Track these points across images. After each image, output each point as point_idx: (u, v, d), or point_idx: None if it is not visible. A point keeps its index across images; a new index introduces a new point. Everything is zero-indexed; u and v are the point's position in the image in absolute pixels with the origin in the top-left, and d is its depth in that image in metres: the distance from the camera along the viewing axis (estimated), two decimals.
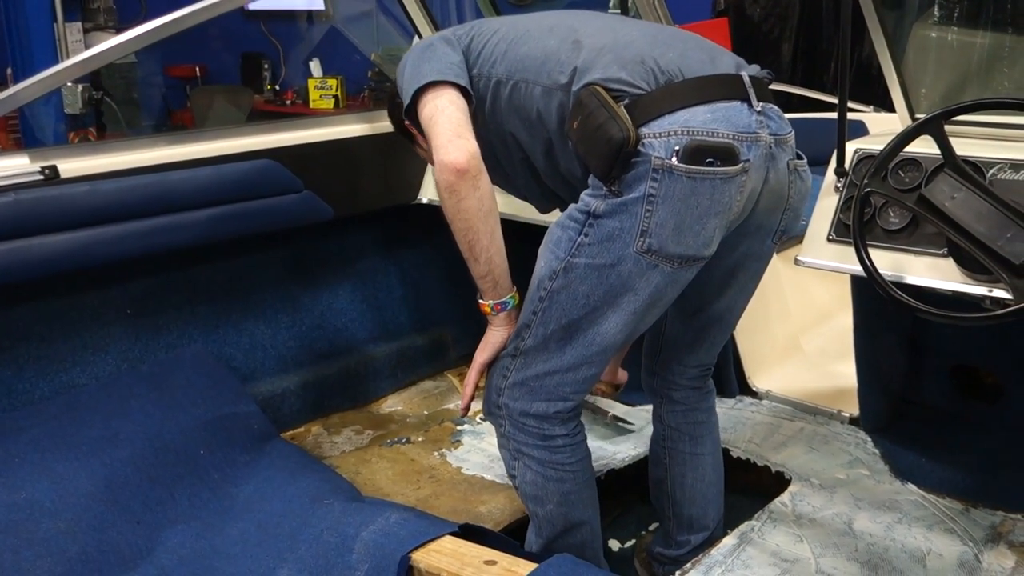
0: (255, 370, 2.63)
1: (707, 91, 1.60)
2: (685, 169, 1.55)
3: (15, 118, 5.03)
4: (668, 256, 1.60)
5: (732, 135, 1.58)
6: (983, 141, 1.97)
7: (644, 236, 1.58)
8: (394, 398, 2.91)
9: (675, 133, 1.55)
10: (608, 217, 1.60)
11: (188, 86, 6.33)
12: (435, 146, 1.64)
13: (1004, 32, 2.44)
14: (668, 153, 1.55)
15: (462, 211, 1.63)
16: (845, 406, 2.59)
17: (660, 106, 1.58)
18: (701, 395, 2.03)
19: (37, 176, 2.02)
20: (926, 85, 2.45)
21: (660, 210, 1.57)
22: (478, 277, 1.73)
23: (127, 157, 2.18)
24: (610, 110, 1.56)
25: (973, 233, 1.70)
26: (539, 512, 1.84)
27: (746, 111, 1.62)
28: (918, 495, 2.24)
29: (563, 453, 1.78)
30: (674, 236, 1.59)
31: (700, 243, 1.62)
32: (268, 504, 2.00)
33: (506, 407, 1.78)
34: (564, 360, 1.71)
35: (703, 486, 2.03)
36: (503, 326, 1.77)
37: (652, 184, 1.56)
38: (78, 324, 2.28)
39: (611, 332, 1.68)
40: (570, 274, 1.65)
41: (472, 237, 1.66)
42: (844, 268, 1.99)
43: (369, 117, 2.74)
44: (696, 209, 1.57)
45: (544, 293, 1.69)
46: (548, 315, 1.69)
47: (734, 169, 1.58)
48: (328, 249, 2.83)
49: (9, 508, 1.83)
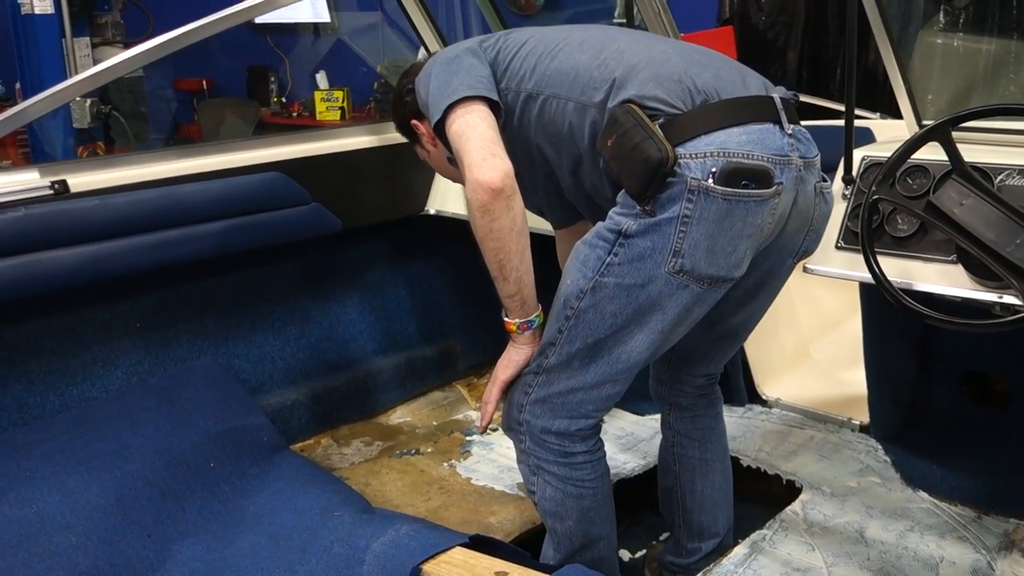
0: (264, 382, 2.63)
1: (742, 113, 1.60)
2: (721, 191, 1.55)
3: (24, 133, 5.05)
4: (699, 277, 1.60)
5: (767, 157, 1.58)
6: (991, 147, 1.97)
7: (677, 256, 1.58)
8: (403, 409, 2.91)
9: (711, 155, 1.55)
10: (640, 237, 1.59)
11: (195, 99, 6.35)
12: (467, 164, 1.62)
13: (1010, 38, 2.44)
14: (704, 175, 1.55)
15: (495, 231, 1.62)
16: (855, 414, 2.58)
17: (696, 127, 1.57)
18: (709, 401, 2.04)
19: (47, 191, 2.03)
20: (932, 92, 2.44)
21: (694, 231, 1.56)
22: (506, 296, 1.71)
23: (136, 171, 2.19)
24: (647, 129, 1.55)
25: (982, 239, 1.70)
26: (558, 528, 1.84)
27: (778, 133, 1.62)
28: (930, 503, 2.23)
29: (583, 470, 1.78)
30: (707, 257, 1.58)
31: (731, 264, 1.62)
32: (278, 516, 2.00)
33: (527, 424, 1.77)
34: (587, 378, 1.70)
35: (713, 492, 2.03)
36: (527, 345, 1.76)
37: (687, 205, 1.55)
38: (88, 338, 2.29)
39: (637, 351, 1.68)
40: (598, 293, 1.64)
41: (503, 257, 1.64)
42: (853, 275, 1.98)
43: (376, 129, 2.74)
44: (730, 231, 1.58)
45: (570, 312, 1.68)
46: (574, 333, 1.68)
47: (768, 192, 1.58)
48: (336, 261, 2.84)
49: (21, 522, 1.83)
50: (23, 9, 4.73)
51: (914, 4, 2.54)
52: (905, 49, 2.32)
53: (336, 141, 2.62)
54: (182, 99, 6.39)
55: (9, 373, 2.15)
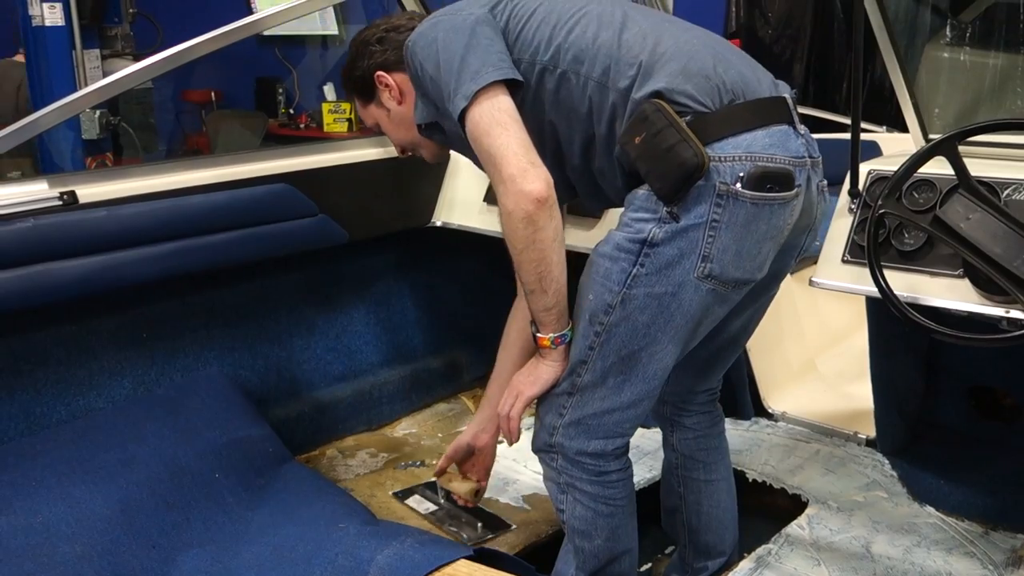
0: (270, 393, 2.63)
1: (764, 114, 1.59)
2: (749, 196, 1.54)
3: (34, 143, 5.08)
4: (726, 280, 1.60)
5: (788, 160, 1.58)
6: (997, 162, 1.97)
7: (706, 261, 1.57)
8: (408, 421, 2.91)
9: (739, 159, 1.54)
10: (666, 244, 1.57)
11: (204, 111, 6.38)
12: (506, 174, 1.54)
13: (1017, 53, 2.43)
14: (733, 179, 1.54)
15: (538, 242, 1.55)
16: (862, 427, 2.57)
17: (724, 128, 1.55)
18: (712, 420, 2.01)
19: (56, 201, 2.04)
20: (939, 105, 2.44)
21: (723, 236, 1.55)
22: (543, 310, 1.63)
23: (144, 182, 2.20)
24: (682, 132, 1.52)
25: (989, 254, 1.70)
26: (585, 547, 1.80)
27: (793, 135, 1.62)
28: (937, 518, 2.22)
29: (616, 488, 1.76)
30: (735, 261, 1.58)
31: (756, 266, 1.62)
32: (283, 528, 2.00)
33: (560, 446, 1.73)
34: (623, 397, 1.67)
35: (719, 512, 2.01)
36: (558, 361, 1.69)
37: (716, 210, 1.54)
38: (95, 348, 2.29)
39: (668, 361, 1.66)
40: (628, 306, 1.60)
41: (544, 269, 1.58)
42: (859, 289, 1.98)
43: (383, 141, 2.75)
44: (756, 234, 1.57)
45: (600, 328, 1.63)
46: (607, 349, 1.64)
47: (790, 194, 1.59)
48: (343, 272, 2.84)
49: (26, 532, 1.83)
50: (34, 21, 4.76)
51: (920, 18, 2.54)
52: (911, 63, 2.32)
53: (343, 153, 2.63)
54: (190, 110, 6.42)
55: (16, 383, 2.16)
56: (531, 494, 2.39)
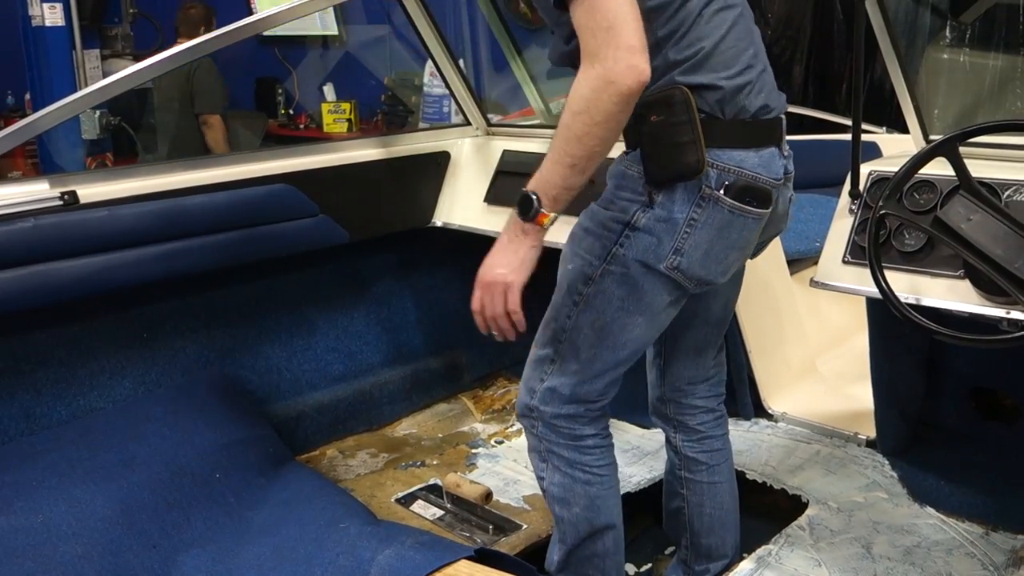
0: (270, 393, 2.63)
1: (761, 136, 1.66)
2: (728, 203, 1.62)
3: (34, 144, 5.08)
4: (690, 277, 1.66)
5: (769, 181, 1.66)
6: (998, 163, 1.97)
7: (677, 255, 1.63)
8: (409, 421, 2.91)
9: (729, 170, 1.61)
10: (646, 231, 1.63)
11: None
12: (626, 43, 1.47)
13: (1017, 54, 2.44)
14: (719, 185, 1.61)
15: (614, 123, 1.52)
16: (862, 428, 2.57)
17: (725, 139, 1.61)
18: (716, 421, 2.01)
19: (56, 201, 2.04)
20: (940, 107, 2.44)
21: (697, 234, 1.62)
22: (566, 187, 1.57)
23: (144, 182, 2.20)
24: (696, 132, 1.58)
25: (989, 255, 1.70)
26: (564, 516, 1.84)
27: (778, 156, 1.69)
28: (937, 519, 2.22)
29: (592, 455, 1.80)
30: (702, 261, 1.65)
31: (719, 271, 1.69)
32: (284, 528, 2.00)
33: (538, 410, 1.80)
34: (595, 366, 1.74)
35: (722, 514, 2.01)
36: (541, 244, 1.66)
37: (697, 209, 1.61)
38: (95, 348, 2.29)
39: (639, 334, 1.72)
40: (606, 280, 1.67)
41: (600, 150, 1.54)
42: (860, 290, 1.98)
43: (383, 141, 2.75)
44: (727, 240, 1.65)
45: (578, 298, 1.71)
46: (583, 319, 1.71)
47: (765, 212, 1.67)
48: (343, 272, 2.84)
49: (27, 532, 1.83)
50: (34, 21, 4.76)
51: (921, 19, 2.54)
52: (912, 64, 2.32)
53: (343, 153, 2.63)
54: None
55: (17, 383, 2.16)
56: (532, 494, 2.39)
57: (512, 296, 1.67)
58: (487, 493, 2.34)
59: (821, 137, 4.50)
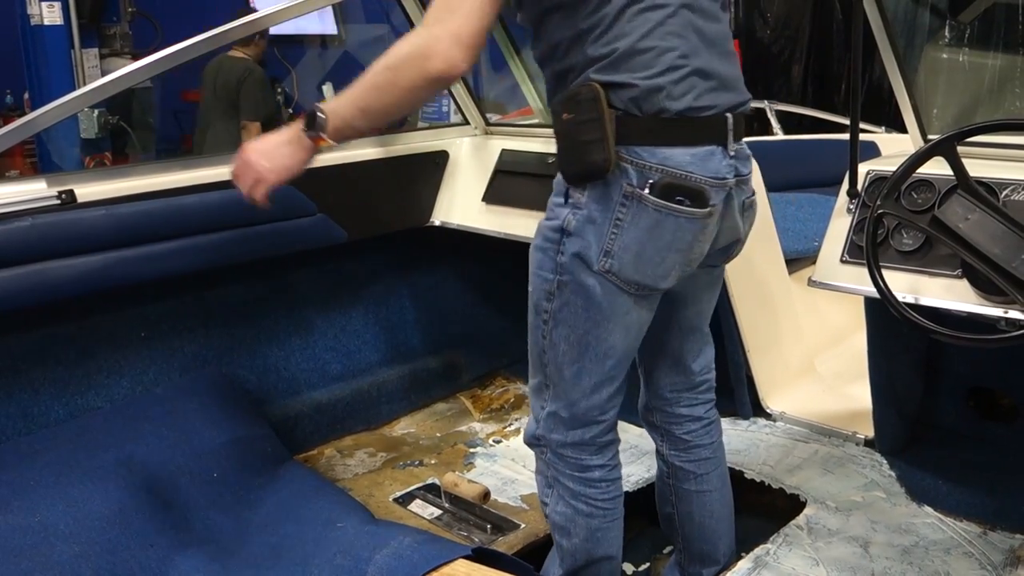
0: (268, 393, 2.63)
1: (694, 134, 1.59)
2: (652, 202, 1.57)
3: (32, 143, 5.08)
4: (626, 280, 1.62)
5: (704, 180, 1.59)
6: (996, 162, 1.97)
7: (607, 257, 1.60)
8: (407, 420, 2.91)
9: (652, 168, 1.56)
10: (577, 234, 1.62)
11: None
12: (456, 31, 1.50)
13: (1016, 53, 2.44)
14: (642, 183, 1.56)
15: (416, 97, 1.60)
16: (860, 428, 2.57)
17: (645, 137, 1.57)
18: (704, 428, 1.96)
19: (54, 200, 2.04)
20: (938, 106, 2.44)
21: (624, 235, 1.59)
22: (351, 126, 1.65)
23: (142, 181, 2.20)
24: (603, 130, 1.55)
25: (987, 254, 1.70)
26: (564, 544, 1.83)
27: (720, 156, 1.61)
28: (935, 518, 2.22)
29: (597, 488, 1.78)
30: (634, 263, 1.60)
31: (658, 275, 1.63)
32: (281, 527, 2.00)
33: (545, 439, 1.78)
34: (584, 383, 1.70)
35: (712, 522, 1.99)
36: (310, 152, 1.72)
37: (621, 209, 1.58)
38: (93, 347, 2.29)
39: (619, 344, 1.68)
40: (564, 292, 1.66)
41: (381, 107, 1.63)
42: (858, 289, 1.98)
43: (382, 140, 2.75)
44: (658, 242, 1.59)
45: (547, 316, 1.69)
46: (557, 336, 1.69)
47: (701, 212, 1.60)
48: (341, 272, 2.84)
49: (24, 531, 1.83)
50: (32, 20, 4.76)
51: (919, 18, 2.54)
52: (910, 63, 2.32)
53: (342, 152, 2.63)
54: (189, 110, 6.42)
55: (14, 382, 2.16)
56: (530, 494, 2.39)
57: (260, 189, 1.75)
58: (485, 492, 2.34)
59: (820, 136, 4.51)
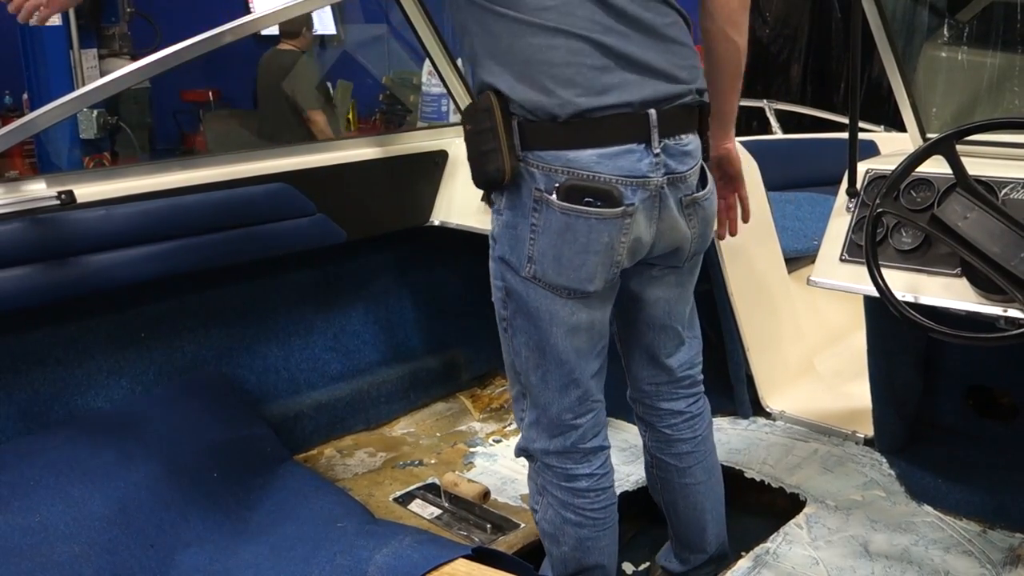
0: (268, 393, 2.63)
1: (600, 134, 1.56)
2: (558, 205, 1.56)
3: (31, 143, 5.08)
4: (551, 285, 1.62)
5: (615, 179, 1.56)
6: (995, 161, 1.97)
7: (531, 263, 1.62)
8: (407, 420, 2.91)
9: (558, 170, 1.56)
10: (503, 242, 1.65)
11: (202, 110, 6.38)
12: None
13: (1015, 52, 2.44)
14: (548, 187, 1.57)
15: None
16: (860, 427, 2.58)
17: (548, 140, 1.56)
18: (686, 423, 1.93)
19: (54, 201, 2.04)
20: (937, 105, 2.44)
21: (541, 240, 1.60)
22: None
23: (142, 181, 2.20)
24: (499, 139, 1.56)
25: (987, 253, 1.70)
26: (554, 552, 1.84)
27: (639, 154, 1.58)
28: (935, 517, 2.22)
29: (585, 498, 1.77)
30: (555, 267, 1.60)
31: (581, 277, 1.62)
32: (281, 527, 2.00)
33: (530, 449, 1.79)
34: (551, 385, 1.71)
35: (697, 514, 1.98)
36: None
37: (534, 214, 1.59)
38: (93, 348, 2.29)
39: (571, 345, 1.68)
40: (513, 297, 1.68)
41: None
42: (857, 288, 1.98)
43: (381, 140, 2.75)
44: (573, 245, 1.58)
45: (505, 324, 1.72)
46: (518, 344, 1.71)
47: (612, 212, 1.57)
48: (341, 272, 2.84)
49: (24, 531, 1.83)
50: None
51: (918, 17, 2.54)
52: (909, 62, 2.32)
53: (342, 152, 2.63)
54: (188, 110, 6.42)
55: (14, 382, 2.16)
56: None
57: (28, 7, 1.87)
58: (485, 492, 2.34)
59: (819, 135, 4.51)
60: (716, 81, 1.74)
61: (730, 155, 1.88)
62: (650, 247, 1.68)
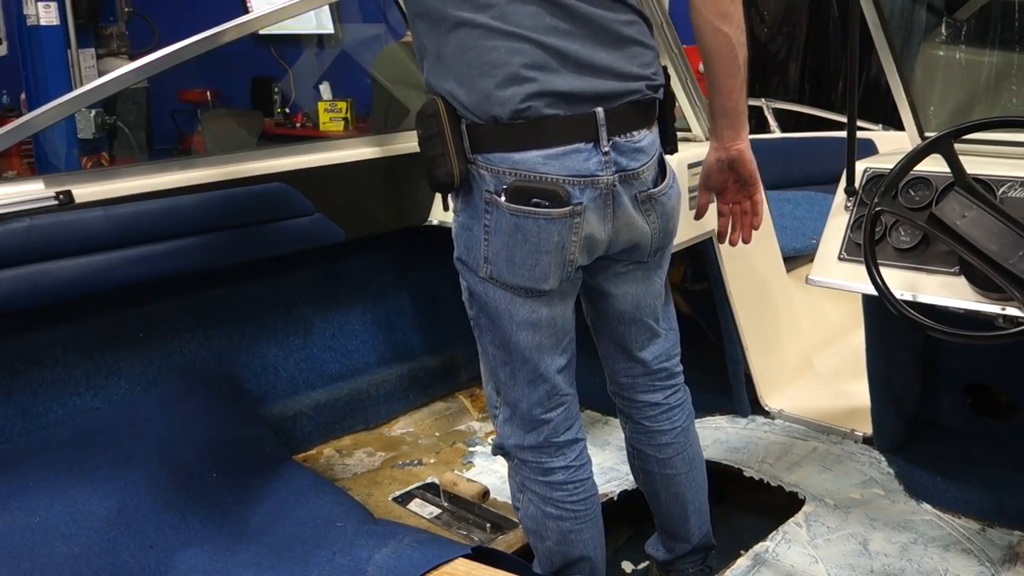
0: (267, 392, 2.63)
1: (545, 135, 1.56)
2: (506, 206, 1.58)
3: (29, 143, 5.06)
4: (507, 285, 1.64)
5: (562, 179, 1.56)
6: (993, 159, 1.97)
7: (487, 263, 1.63)
8: (406, 420, 2.91)
9: (505, 172, 1.57)
10: (461, 243, 1.67)
11: (199, 110, 6.37)
12: None
13: (1012, 51, 2.44)
14: (498, 189, 1.58)
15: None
16: (859, 425, 2.58)
17: (494, 143, 1.57)
18: (664, 414, 1.92)
19: (52, 201, 2.04)
20: (935, 103, 2.45)
21: (494, 241, 1.61)
22: None
23: (140, 181, 2.20)
24: (447, 144, 1.58)
25: (985, 251, 1.70)
26: (539, 547, 1.85)
27: (587, 153, 1.58)
28: (933, 515, 2.22)
29: (563, 491, 1.78)
30: (508, 267, 1.62)
31: (536, 276, 1.63)
32: (281, 527, 2.00)
33: (506, 446, 1.81)
34: (519, 381, 1.73)
35: (678, 504, 1.98)
36: None
37: (486, 216, 1.61)
38: (92, 348, 2.29)
39: (532, 342, 1.69)
40: (475, 295, 1.70)
41: None
42: (855, 287, 1.98)
43: (379, 140, 2.75)
44: (524, 245, 1.60)
45: (473, 323, 1.75)
46: (485, 342, 1.74)
47: (560, 211, 1.57)
48: (339, 271, 2.84)
49: (23, 532, 1.83)
50: (29, 20, 4.75)
51: (916, 16, 2.55)
52: (907, 61, 2.33)
53: (339, 152, 2.62)
54: (186, 110, 6.41)
55: (13, 383, 2.16)
56: None
57: None
58: (484, 491, 2.34)
59: (817, 134, 4.51)
60: (713, 76, 1.72)
61: (743, 156, 1.81)
62: (607, 244, 1.68)
